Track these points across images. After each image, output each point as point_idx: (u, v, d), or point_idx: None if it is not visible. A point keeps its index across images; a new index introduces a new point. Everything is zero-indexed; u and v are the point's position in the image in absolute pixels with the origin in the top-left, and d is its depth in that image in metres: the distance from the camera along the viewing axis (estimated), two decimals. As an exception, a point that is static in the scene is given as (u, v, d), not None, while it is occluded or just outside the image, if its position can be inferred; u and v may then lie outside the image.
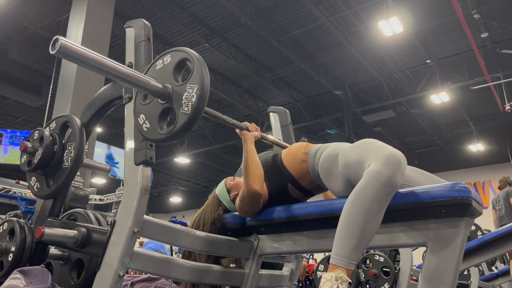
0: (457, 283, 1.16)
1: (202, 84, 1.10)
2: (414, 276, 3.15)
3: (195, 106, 1.09)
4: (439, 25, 7.70)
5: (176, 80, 1.17)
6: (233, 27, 7.98)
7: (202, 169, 15.16)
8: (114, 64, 1.09)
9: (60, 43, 0.95)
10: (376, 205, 1.17)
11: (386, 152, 1.23)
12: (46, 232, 1.33)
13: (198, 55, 1.15)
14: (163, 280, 1.75)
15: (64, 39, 0.96)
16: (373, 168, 1.20)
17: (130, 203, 1.22)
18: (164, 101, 1.16)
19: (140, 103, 1.23)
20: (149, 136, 1.18)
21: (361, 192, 1.19)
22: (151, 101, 1.20)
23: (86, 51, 1.02)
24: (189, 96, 1.10)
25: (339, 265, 1.16)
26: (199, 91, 1.09)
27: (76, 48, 0.99)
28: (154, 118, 1.17)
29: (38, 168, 1.54)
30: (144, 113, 1.20)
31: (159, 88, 1.15)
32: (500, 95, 8.88)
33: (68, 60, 1.01)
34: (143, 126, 1.19)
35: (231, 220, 1.64)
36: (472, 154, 12.12)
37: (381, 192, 1.17)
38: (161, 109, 1.16)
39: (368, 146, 1.35)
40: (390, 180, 1.17)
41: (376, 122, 10.63)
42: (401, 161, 1.21)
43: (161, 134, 1.14)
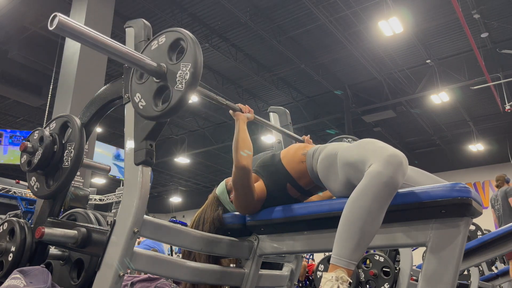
0: (457, 283, 1.16)
1: (195, 62, 1.13)
2: (414, 276, 3.15)
3: (189, 83, 1.12)
4: (439, 25, 7.70)
5: (170, 59, 1.20)
6: (233, 27, 7.98)
7: (202, 169, 15.17)
8: (111, 42, 1.11)
9: (59, 20, 0.97)
10: (377, 205, 1.17)
11: (388, 152, 1.23)
12: (46, 232, 1.33)
13: (191, 35, 1.18)
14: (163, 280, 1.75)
15: (63, 16, 0.99)
16: (374, 168, 1.20)
17: (130, 203, 1.22)
18: (159, 80, 1.19)
19: (136, 83, 1.26)
20: (145, 114, 1.21)
21: (362, 192, 1.19)
22: (147, 80, 1.23)
23: (84, 28, 1.04)
24: (183, 74, 1.14)
25: (340, 265, 1.16)
26: (193, 68, 1.13)
27: (74, 25, 1.02)
28: (149, 96, 1.20)
29: (38, 168, 1.54)
30: (139, 92, 1.24)
31: (154, 67, 1.18)
32: (500, 95, 8.88)
33: (66, 36, 1.03)
34: (139, 104, 1.23)
35: (231, 220, 1.64)
36: (472, 154, 12.12)
37: (382, 193, 1.17)
38: (156, 88, 1.20)
39: (368, 146, 1.34)
40: (392, 181, 1.17)
41: (376, 122, 10.63)
42: (402, 161, 1.21)
43: (156, 111, 1.17)
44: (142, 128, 1.28)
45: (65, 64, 6.02)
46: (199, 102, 10.34)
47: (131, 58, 1.15)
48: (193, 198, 17.54)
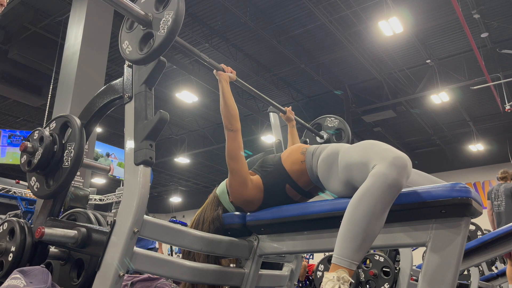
0: (457, 283, 1.16)
1: (177, 9, 1.22)
2: (414, 276, 3.15)
3: (170, 28, 1.22)
4: (439, 25, 7.70)
5: (157, 9, 1.29)
6: (233, 27, 7.98)
7: (202, 169, 15.17)
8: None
9: None
10: (380, 206, 1.17)
11: (393, 154, 1.23)
12: (46, 232, 1.33)
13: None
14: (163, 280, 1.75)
15: None
16: (378, 169, 1.20)
17: (130, 203, 1.22)
18: (145, 28, 1.29)
19: (125, 32, 1.37)
20: (130, 58, 1.32)
21: (366, 193, 1.19)
22: (135, 29, 1.34)
23: None
24: (166, 21, 1.23)
25: (341, 265, 1.16)
26: (174, 15, 1.22)
27: None
28: (135, 42, 1.31)
29: (38, 168, 1.54)
30: (128, 40, 1.35)
31: (142, 15, 1.28)
32: (500, 95, 8.88)
33: None
34: (126, 50, 1.34)
35: (231, 220, 1.64)
36: (472, 154, 12.12)
37: (386, 194, 1.17)
38: (142, 34, 1.30)
39: (372, 147, 1.34)
40: (396, 183, 1.17)
41: (376, 122, 10.63)
42: (407, 163, 1.21)
43: (140, 55, 1.28)
44: (142, 128, 1.28)
45: (65, 64, 6.02)
46: (199, 102, 10.34)
47: (122, 4, 1.24)
48: (193, 198, 17.54)
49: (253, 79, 9.54)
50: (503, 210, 4.96)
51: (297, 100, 10.46)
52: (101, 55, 6.07)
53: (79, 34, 5.87)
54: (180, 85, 9.61)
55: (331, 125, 2.75)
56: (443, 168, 12.16)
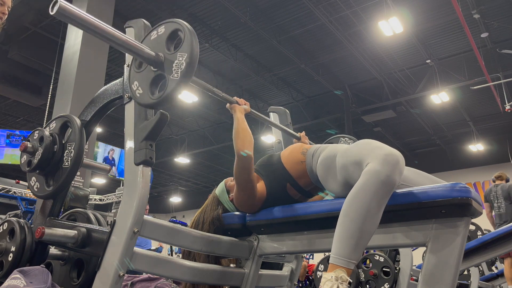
0: (457, 283, 1.16)
1: (192, 52, 1.16)
2: (414, 276, 3.15)
3: (184, 72, 1.15)
4: (439, 25, 7.70)
5: (168, 49, 1.23)
6: (233, 27, 7.98)
7: (202, 169, 15.17)
8: (111, 30, 1.14)
9: (59, 5, 1.00)
10: (375, 203, 1.17)
11: (384, 151, 1.23)
12: (46, 232, 1.33)
13: (189, 26, 1.22)
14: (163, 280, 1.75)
15: (64, 1, 1.01)
16: (371, 167, 1.21)
17: (130, 203, 1.22)
18: (156, 69, 1.22)
19: (135, 71, 1.30)
20: (142, 102, 1.25)
21: (360, 191, 1.19)
22: (145, 69, 1.27)
23: (85, 15, 1.07)
24: (179, 63, 1.17)
25: (339, 265, 1.16)
26: (188, 58, 1.16)
27: (75, 11, 1.05)
28: (146, 85, 1.24)
29: (38, 168, 1.54)
30: (137, 80, 1.27)
31: (152, 56, 1.21)
32: (500, 95, 8.88)
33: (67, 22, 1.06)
34: (136, 92, 1.27)
35: (231, 220, 1.64)
36: (472, 154, 12.12)
37: (380, 191, 1.17)
38: (153, 76, 1.23)
39: (365, 146, 1.35)
40: (388, 179, 1.17)
41: (376, 122, 10.63)
42: (399, 159, 1.21)
43: (152, 99, 1.21)
44: (142, 128, 1.29)
45: (65, 64, 6.02)
46: (199, 102, 10.34)
47: (130, 46, 1.19)
48: (193, 198, 17.54)
49: (253, 79, 9.54)
50: (504, 211, 4.96)
51: (297, 100, 10.46)
52: (101, 55, 6.07)
53: (79, 34, 5.88)
54: (180, 85, 9.59)
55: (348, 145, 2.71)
56: (443, 168, 12.16)
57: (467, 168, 12.27)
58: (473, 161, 12.17)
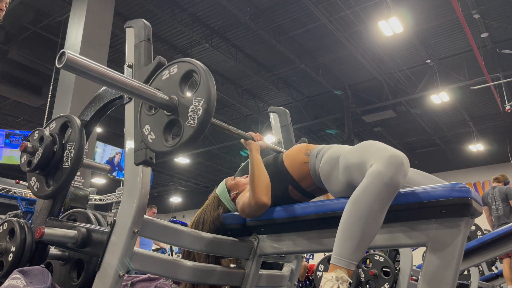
0: (457, 283, 1.16)
1: (209, 97, 1.08)
2: (414, 276, 3.15)
3: (201, 120, 1.08)
4: (439, 25, 7.70)
5: (182, 91, 1.15)
6: (233, 27, 7.98)
7: (202, 169, 15.17)
8: (121, 77, 1.08)
9: (67, 57, 0.94)
10: (378, 205, 1.16)
11: (388, 153, 1.22)
12: (46, 232, 1.33)
13: (204, 67, 1.14)
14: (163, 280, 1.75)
15: (71, 53, 0.95)
16: (375, 168, 1.20)
17: (130, 203, 1.22)
18: (170, 113, 1.15)
19: (145, 114, 1.22)
20: (155, 148, 1.17)
21: (363, 192, 1.19)
22: (157, 112, 1.19)
23: (92, 64, 1.01)
24: (195, 109, 1.09)
25: (340, 265, 1.16)
26: (206, 104, 1.08)
27: (83, 62, 0.99)
28: (159, 130, 1.16)
29: (38, 168, 1.54)
30: (149, 124, 1.19)
31: (166, 100, 1.14)
32: (500, 95, 8.88)
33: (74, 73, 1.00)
34: (148, 137, 1.19)
35: (231, 220, 1.64)
36: (472, 154, 12.12)
37: (383, 193, 1.16)
38: (167, 121, 1.15)
39: (369, 147, 1.34)
40: (392, 181, 1.17)
41: (376, 122, 10.63)
42: (403, 161, 1.20)
43: (167, 147, 1.13)
44: (142, 128, 1.28)
45: (65, 64, 6.01)
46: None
47: (142, 93, 1.11)
48: (193, 198, 17.54)
49: (253, 79, 9.54)
50: (502, 213, 5.03)
51: (297, 100, 10.46)
52: (101, 55, 6.07)
53: (79, 34, 5.88)
54: (180, 85, 9.60)
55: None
56: (443, 168, 12.16)
57: (467, 168, 12.28)
58: (473, 161, 12.17)
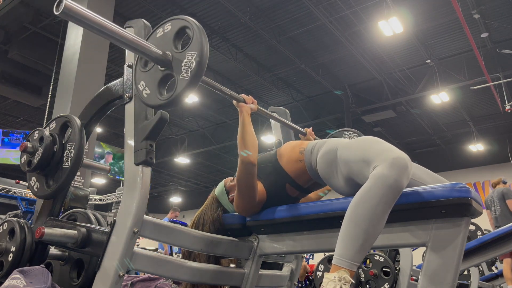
0: (457, 283, 1.16)
1: (201, 51, 1.12)
2: (414, 276, 3.15)
3: (194, 73, 1.11)
4: (439, 25, 7.70)
5: (176, 47, 1.19)
6: (233, 27, 7.98)
7: (202, 169, 15.16)
8: (117, 29, 1.11)
9: (65, 4, 0.96)
10: (381, 208, 1.16)
11: (393, 155, 1.22)
12: (46, 232, 1.33)
13: (197, 23, 1.17)
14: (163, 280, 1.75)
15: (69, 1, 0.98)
16: (379, 170, 1.19)
17: (130, 203, 1.22)
18: (164, 68, 1.18)
19: (140, 70, 1.25)
20: (149, 102, 1.20)
21: (367, 194, 1.19)
22: (151, 68, 1.22)
23: (90, 14, 1.04)
24: (189, 62, 1.12)
25: (342, 266, 1.16)
26: (198, 57, 1.12)
27: (80, 10, 1.01)
28: (153, 85, 1.19)
29: (38, 168, 1.54)
30: (144, 80, 1.23)
31: (159, 55, 1.17)
32: (500, 95, 8.88)
33: (71, 21, 1.02)
34: (143, 92, 1.22)
35: (231, 220, 1.64)
36: (472, 154, 12.12)
37: (387, 195, 1.16)
38: (161, 76, 1.19)
39: (373, 145, 1.33)
40: (396, 184, 1.16)
41: (376, 122, 10.63)
42: (407, 164, 1.20)
43: (161, 100, 1.16)
44: (142, 128, 1.28)
45: (65, 64, 6.02)
46: (199, 102, 10.33)
47: (137, 46, 1.15)
48: (193, 198, 17.53)
49: (253, 79, 9.54)
50: (499, 213, 5.09)
51: (297, 100, 10.46)
52: (101, 55, 6.07)
53: (79, 34, 5.87)
54: (180, 85, 9.59)
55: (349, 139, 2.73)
56: (443, 168, 12.15)
57: (467, 168, 12.27)
58: (473, 161, 12.17)
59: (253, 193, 1.54)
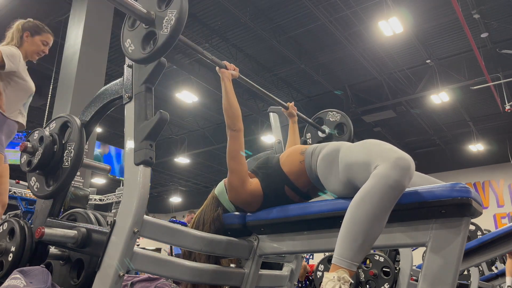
0: (457, 283, 1.16)
1: (181, 8, 1.20)
2: (414, 276, 3.14)
3: (173, 27, 1.20)
4: (439, 25, 7.70)
5: (159, 7, 1.27)
6: (233, 27, 7.98)
7: (202, 169, 15.16)
8: None
9: None
10: (382, 208, 1.16)
11: (396, 155, 1.21)
12: (46, 232, 1.33)
13: None
14: (163, 280, 1.75)
15: None
16: (381, 170, 1.19)
17: (130, 203, 1.22)
18: (148, 26, 1.27)
19: (127, 30, 1.35)
20: (133, 57, 1.30)
21: (368, 194, 1.18)
22: (137, 27, 1.32)
23: None
24: (169, 19, 1.21)
25: (342, 266, 1.16)
26: (178, 14, 1.20)
27: None
28: (138, 41, 1.29)
29: (38, 168, 1.54)
30: (130, 38, 1.33)
31: (143, 13, 1.26)
32: (500, 95, 8.88)
33: None
34: (128, 49, 1.32)
35: (231, 220, 1.64)
36: (472, 154, 12.12)
37: (388, 195, 1.16)
38: (145, 33, 1.28)
39: (374, 147, 1.32)
40: (398, 184, 1.16)
41: (376, 122, 10.62)
42: (410, 165, 1.19)
43: (143, 54, 1.26)
44: (142, 128, 1.28)
45: (65, 64, 6.02)
46: (199, 102, 10.34)
47: (124, 3, 1.22)
48: (193, 198, 17.53)
49: (253, 79, 9.52)
50: None
51: (297, 100, 10.45)
52: (101, 55, 6.07)
53: (79, 34, 5.88)
54: (180, 85, 9.60)
55: (332, 120, 2.76)
56: (443, 168, 12.16)
57: (467, 168, 12.27)
58: (473, 161, 12.17)
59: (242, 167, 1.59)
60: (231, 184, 1.61)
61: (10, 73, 2.32)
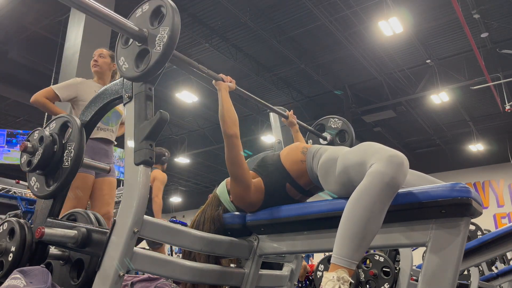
0: (457, 283, 1.16)
1: (173, 25, 1.21)
2: (414, 276, 3.14)
3: (166, 45, 1.21)
4: (439, 25, 7.70)
5: (152, 24, 1.28)
6: (233, 27, 7.98)
7: (202, 169, 15.16)
8: (97, 6, 1.19)
9: None
10: (378, 205, 1.17)
11: (389, 153, 1.23)
12: (46, 232, 1.33)
13: (171, 2, 1.27)
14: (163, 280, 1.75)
15: None
16: (375, 168, 1.20)
17: (130, 203, 1.22)
18: (141, 44, 1.28)
19: (121, 48, 1.36)
20: (127, 75, 1.31)
21: (364, 192, 1.19)
22: (130, 45, 1.33)
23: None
24: (162, 37, 1.22)
25: (341, 265, 1.16)
26: (170, 32, 1.21)
27: None
28: (131, 59, 1.30)
29: (38, 168, 1.54)
30: (123, 56, 1.34)
31: (136, 31, 1.26)
32: (500, 95, 8.88)
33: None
34: (122, 67, 1.33)
35: (231, 220, 1.64)
36: (472, 154, 12.12)
37: (384, 192, 1.17)
38: (138, 51, 1.29)
39: (368, 148, 1.34)
40: (393, 181, 1.17)
41: (376, 122, 10.63)
42: (403, 161, 1.21)
43: (137, 72, 1.27)
44: (142, 128, 1.28)
45: (65, 64, 6.02)
46: (199, 102, 10.34)
47: (115, 21, 1.23)
48: (193, 198, 17.53)
49: (253, 79, 9.54)
50: None
51: (297, 100, 10.46)
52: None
53: (79, 34, 5.87)
54: (180, 85, 9.61)
55: (334, 126, 2.75)
56: (443, 168, 12.16)
57: (467, 168, 12.27)
58: (473, 161, 12.17)
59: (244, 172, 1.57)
60: (235, 191, 1.60)
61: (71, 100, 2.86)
